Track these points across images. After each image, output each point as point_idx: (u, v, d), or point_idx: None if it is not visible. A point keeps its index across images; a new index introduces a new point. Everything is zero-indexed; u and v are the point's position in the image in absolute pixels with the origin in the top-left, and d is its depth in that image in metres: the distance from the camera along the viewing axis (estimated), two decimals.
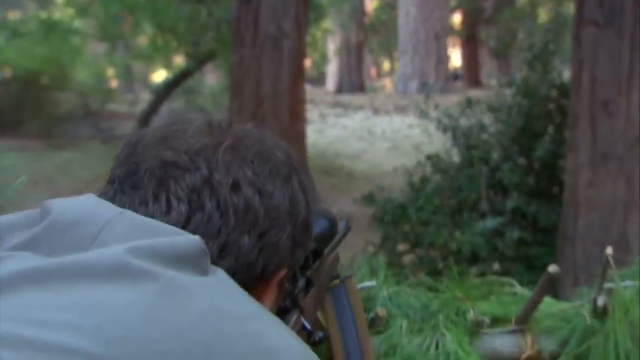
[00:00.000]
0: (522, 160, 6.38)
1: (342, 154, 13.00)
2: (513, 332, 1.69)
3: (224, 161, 0.94)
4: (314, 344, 1.18)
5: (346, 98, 19.15)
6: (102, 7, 11.91)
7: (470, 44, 22.65)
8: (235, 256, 0.94)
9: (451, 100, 8.71)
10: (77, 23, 14.60)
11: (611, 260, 1.64)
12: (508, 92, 6.71)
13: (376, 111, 16.77)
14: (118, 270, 0.79)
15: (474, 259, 5.99)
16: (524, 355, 1.67)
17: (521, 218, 6.15)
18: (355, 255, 5.93)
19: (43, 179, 10.47)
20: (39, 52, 12.83)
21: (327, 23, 21.24)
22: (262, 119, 8.93)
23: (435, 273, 5.39)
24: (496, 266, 5.96)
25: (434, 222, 6.17)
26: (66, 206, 0.88)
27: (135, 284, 0.78)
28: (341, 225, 1.82)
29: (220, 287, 0.85)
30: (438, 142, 7.81)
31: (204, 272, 0.85)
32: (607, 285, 1.69)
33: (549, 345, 1.68)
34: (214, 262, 0.90)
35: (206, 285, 0.82)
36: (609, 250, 1.65)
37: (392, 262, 5.93)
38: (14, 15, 18.65)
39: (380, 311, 1.60)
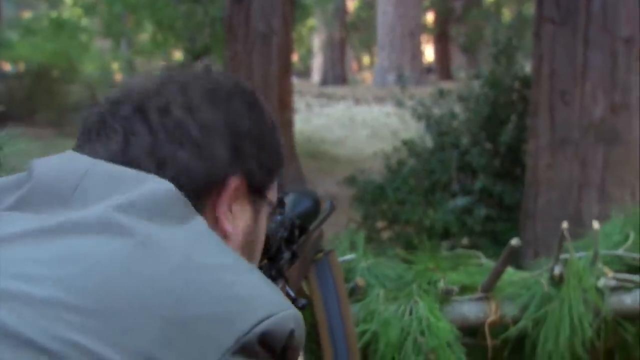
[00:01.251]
0: (488, 145, 6.39)
1: (326, 140, 12.98)
2: (479, 299, 1.71)
3: (156, 90, 0.95)
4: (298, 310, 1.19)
5: (330, 89, 19.09)
6: (107, 7, 11.83)
7: (441, 40, 22.61)
8: (174, 167, 0.92)
9: (425, 92, 8.69)
10: (85, 21, 14.48)
11: (567, 233, 1.66)
12: (476, 84, 6.71)
13: (357, 101, 16.73)
14: (102, 226, 0.79)
15: (446, 234, 6.01)
16: (489, 320, 1.69)
17: (488, 197, 6.17)
18: (339, 232, 5.96)
19: None
20: (50, 48, 12.74)
21: (313, 21, 21.17)
22: None
23: (410, 247, 5.39)
24: (465, 241, 5.98)
25: (409, 202, 6.19)
26: (46, 165, 0.88)
27: (115, 238, 0.78)
28: (326, 205, 1.83)
29: (195, 239, 0.83)
30: (413, 129, 7.81)
31: (181, 220, 0.84)
32: (563, 256, 1.71)
33: (511, 310, 1.70)
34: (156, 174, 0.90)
35: (181, 238, 0.81)
36: (565, 224, 1.66)
37: (372, 237, 5.94)
38: (27, 14, 18.48)
39: (360, 281, 1.62)
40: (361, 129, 14.01)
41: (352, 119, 14.79)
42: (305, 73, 25.06)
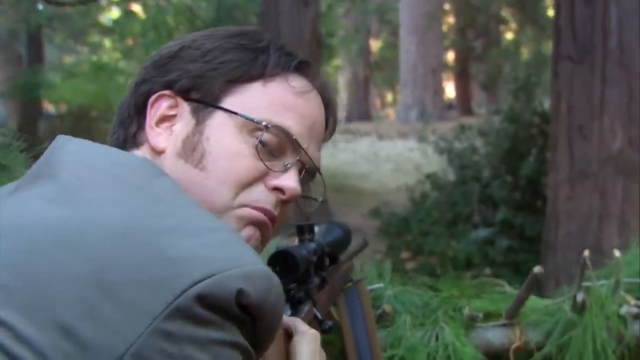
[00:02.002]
0: (509, 178, 6.38)
1: (351, 175, 13.00)
2: (503, 325, 1.70)
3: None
4: (324, 332, 1.15)
5: (355, 126, 19.17)
6: (143, 50, 12.00)
7: (462, 77, 22.65)
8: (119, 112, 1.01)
9: (447, 127, 8.71)
10: (122, 64, 14.71)
11: (588, 262, 1.65)
12: (496, 119, 6.72)
13: (381, 137, 16.77)
14: (49, 197, 0.79)
15: (468, 264, 5.98)
16: (514, 346, 1.67)
17: (509, 228, 6.15)
18: (364, 263, 5.95)
19: None
20: (90, 89, 12.93)
21: (338, 61, 21.34)
22: None
23: (434, 277, 5.37)
24: (487, 271, 5.95)
25: (432, 233, 6.18)
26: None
27: (58, 207, 0.78)
28: (359, 241, 1.84)
29: (143, 204, 0.80)
30: (435, 163, 7.81)
31: (140, 186, 0.83)
32: (585, 284, 1.69)
33: (535, 336, 1.68)
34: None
35: (126, 205, 0.79)
36: (586, 253, 1.65)
37: (397, 268, 5.90)
38: (69, 58, 18.85)
39: (387, 308, 1.61)
40: (385, 163, 14.02)
41: (376, 154, 14.82)
42: None
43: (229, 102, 0.96)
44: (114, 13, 14.30)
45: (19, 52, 16.17)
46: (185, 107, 0.96)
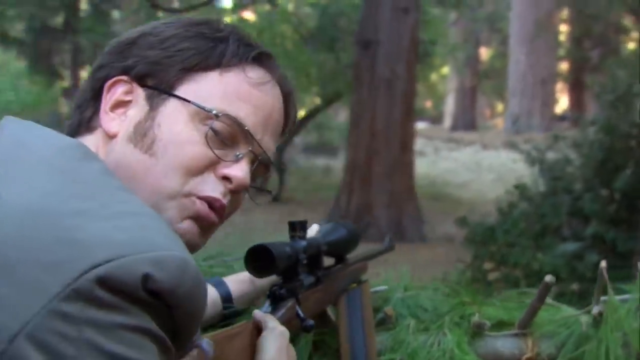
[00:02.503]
0: (603, 191, 6.10)
1: (451, 183, 12.82)
2: (515, 335, 1.62)
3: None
4: (304, 330, 1.17)
5: (459, 135, 18.90)
6: None
7: (575, 88, 21.90)
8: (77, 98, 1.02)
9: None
10: None
11: (605, 273, 1.56)
12: (591, 130, 6.45)
13: (485, 146, 16.43)
14: None
15: (556, 278, 5.75)
16: (524, 357, 1.60)
17: (600, 243, 5.87)
18: (448, 271, 5.82)
19: None
20: None
21: (446, 69, 21.10)
22: (375, 150, 8.96)
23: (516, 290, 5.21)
24: (575, 286, 5.70)
25: (518, 244, 5.99)
26: None
27: None
28: (385, 242, 1.81)
29: (62, 187, 0.79)
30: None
31: (66, 169, 0.83)
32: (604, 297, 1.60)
33: (547, 348, 1.60)
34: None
35: (42, 187, 0.79)
36: (603, 264, 1.56)
37: (478, 278, 5.79)
38: None
39: (389, 310, 1.57)
40: (487, 173, 13.73)
41: (479, 163, 14.53)
42: (438, 119, 24.92)
43: (183, 89, 0.96)
44: (229, 20, 14.69)
45: None
46: (140, 93, 0.96)
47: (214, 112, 0.95)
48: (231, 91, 0.98)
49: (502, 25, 21.34)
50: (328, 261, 1.47)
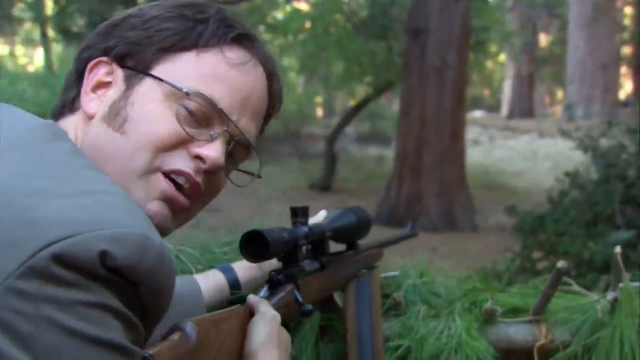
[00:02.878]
0: None
1: (505, 172, 12.62)
2: (529, 321, 1.60)
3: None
4: (303, 315, 1.17)
5: (515, 123, 18.56)
6: (301, 47, 12.34)
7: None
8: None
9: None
10: (284, 60, 15.14)
11: (619, 259, 1.52)
12: None
13: (541, 134, 16.11)
14: None
15: (606, 268, 5.60)
16: (538, 344, 1.58)
17: None
18: (497, 259, 5.74)
19: (248, 189, 10.94)
20: None
21: (502, 57, 20.74)
22: (425, 139, 8.88)
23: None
24: (627, 275, 5.55)
25: (569, 233, 5.85)
26: None
27: None
28: (408, 228, 1.80)
29: (25, 167, 0.80)
30: None
31: (32, 149, 0.84)
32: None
33: (562, 335, 1.58)
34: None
35: (12, 164, 0.80)
36: (618, 249, 1.53)
37: (527, 267, 5.69)
38: None
39: (397, 296, 1.57)
40: (543, 162, 13.47)
41: (535, 152, 14.26)
42: (496, 107, 24.54)
43: (159, 69, 0.97)
44: (284, 11, 14.75)
45: None
46: (119, 74, 0.98)
47: (185, 90, 0.95)
48: (207, 71, 0.98)
49: (562, 10, 20.85)
50: (338, 247, 1.49)
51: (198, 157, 0.97)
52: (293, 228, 1.21)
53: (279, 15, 14.90)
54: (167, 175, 0.96)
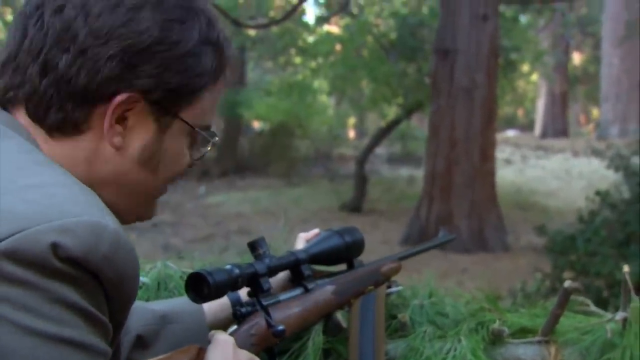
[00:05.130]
0: None
1: (538, 192, 12.47)
2: (538, 342, 1.58)
3: None
4: (274, 335, 1.15)
5: (548, 142, 18.37)
6: (330, 68, 12.40)
7: None
8: (55, 73, 0.88)
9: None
10: (316, 82, 15.24)
11: (628, 278, 1.50)
12: None
13: (575, 153, 15.91)
14: None
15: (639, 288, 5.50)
16: None
17: None
18: (527, 281, 5.67)
19: (279, 210, 11.00)
20: (282, 107, 13.52)
21: (535, 76, 20.59)
22: (455, 160, 8.83)
23: (600, 301, 5.02)
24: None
25: (600, 253, 5.75)
26: None
27: None
28: (440, 235, 1.77)
29: None
30: None
31: None
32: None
33: (571, 356, 1.55)
34: (36, 83, 0.87)
35: None
36: (626, 268, 1.50)
37: (557, 288, 5.60)
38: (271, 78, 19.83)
39: (402, 317, 1.56)
40: (577, 181, 13.28)
41: (568, 171, 14.08)
42: (529, 126, 24.34)
43: (186, 111, 0.97)
44: (315, 34, 14.87)
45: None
46: (147, 110, 0.94)
47: (215, 139, 1.04)
48: (211, 105, 1.01)
49: (595, 28, 20.66)
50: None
51: None
52: (248, 264, 1.19)
53: (310, 38, 15.02)
54: None
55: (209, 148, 1.05)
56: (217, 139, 1.04)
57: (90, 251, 0.75)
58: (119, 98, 0.90)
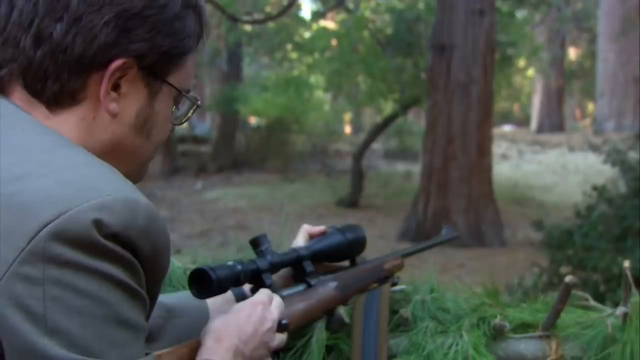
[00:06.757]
0: None
1: (534, 187, 12.50)
2: (539, 337, 1.59)
3: None
4: (278, 329, 1.16)
5: (544, 137, 18.40)
6: (326, 64, 12.39)
7: None
8: (50, 43, 0.88)
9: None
10: (313, 78, 15.23)
11: (628, 273, 1.51)
12: None
13: (571, 148, 15.95)
14: None
15: (636, 282, 5.51)
16: (548, 359, 1.56)
17: None
18: (524, 276, 5.68)
19: (276, 206, 11.01)
20: (279, 102, 13.52)
21: (531, 71, 20.61)
22: (452, 155, 8.84)
23: (597, 295, 5.04)
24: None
25: (597, 248, 5.77)
26: None
27: None
28: (444, 232, 1.77)
29: (2, 155, 0.81)
30: None
31: None
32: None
33: (572, 350, 1.56)
34: (31, 55, 0.87)
35: None
36: (627, 263, 1.51)
37: (555, 283, 5.62)
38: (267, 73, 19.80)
39: (404, 313, 1.57)
40: (573, 176, 13.31)
41: (564, 166, 14.11)
42: (525, 121, 24.37)
43: (173, 76, 0.99)
44: (311, 29, 14.86)
45: (222, 69, 17.28)
46: (139, 75, 0.96)
47: (199, 102, 1.04)
48: (192, 69, 1.03)
49: (591, 23, 20.68)
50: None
51: None
52: (250, 260, 1.21)
53: (306, 33, 15.02)
54: None
55: (192, 112, 1.06)
56: (199, 102, 1.05)
57: (129, 226, 0.77)
58: (115, 64, 0.91)
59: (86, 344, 0.73)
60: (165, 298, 1.32)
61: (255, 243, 1.23)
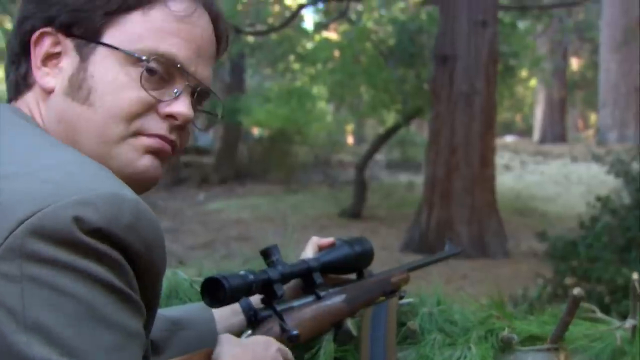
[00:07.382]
0: None
1: (537, 197, 12.48)
2: (547, 350, 1.58)
3: None
4: (289, 339, 1.18)
5: (547, 147, 18.40)
6: (329, 75, 12.41)
7: None
8: (19, 40, 0.96)
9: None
10: (315, 89, 15.25)
11: (637, 285, 1.50)
12: None
13: (574, 159, 15.93)
14: None
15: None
16: None
17: None
18: (527, 285, 5.67)
19: (279, 217, 11.00)
20: (281, 113, 13.52)
21: (534, 81, 20.62)
22: (455, 166, 8.84)
23: (602, 307, 5.02)
24: None
25: (602, 259, 5.75)
26: None
27: None
28: (447, 248, 1.78)
29: None
30: None
31: None
32: None
33: None
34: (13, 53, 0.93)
35: None
36: (635, 276, 1.51)
37: (559, 294, 5.60)
38: (270, 84, 19.82)
39: (412, 325, 1.56)
40: (576, 186, 13.30)
41: (567, 176, 14.10)
42: (528, 132, 24.37)
43: (109, 35, 0.95)
44: (314, 40, 14.89)
45: (225, 80, 17.32)
46: (68, 44, 0.95)
47: (144, 57, 0.95)
48: (158, 28, 0.96)
49: (593, 34, 20.72)
50: None
51: (169, 116, 0.98)
52: (262, 270, 1.21)
53: (309, 44, 15.05)
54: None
55: (182, 87, 0.99)
56: (179, 65, 0.98)
57: (113, 221, 0.75)
58: (35, 35, 0.94)
59: (68, 343, 0.70)
60: (171, 311, 1.32)
61: (266, 254, 1.24)
